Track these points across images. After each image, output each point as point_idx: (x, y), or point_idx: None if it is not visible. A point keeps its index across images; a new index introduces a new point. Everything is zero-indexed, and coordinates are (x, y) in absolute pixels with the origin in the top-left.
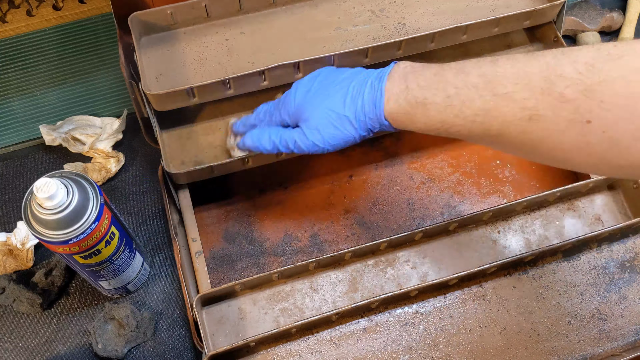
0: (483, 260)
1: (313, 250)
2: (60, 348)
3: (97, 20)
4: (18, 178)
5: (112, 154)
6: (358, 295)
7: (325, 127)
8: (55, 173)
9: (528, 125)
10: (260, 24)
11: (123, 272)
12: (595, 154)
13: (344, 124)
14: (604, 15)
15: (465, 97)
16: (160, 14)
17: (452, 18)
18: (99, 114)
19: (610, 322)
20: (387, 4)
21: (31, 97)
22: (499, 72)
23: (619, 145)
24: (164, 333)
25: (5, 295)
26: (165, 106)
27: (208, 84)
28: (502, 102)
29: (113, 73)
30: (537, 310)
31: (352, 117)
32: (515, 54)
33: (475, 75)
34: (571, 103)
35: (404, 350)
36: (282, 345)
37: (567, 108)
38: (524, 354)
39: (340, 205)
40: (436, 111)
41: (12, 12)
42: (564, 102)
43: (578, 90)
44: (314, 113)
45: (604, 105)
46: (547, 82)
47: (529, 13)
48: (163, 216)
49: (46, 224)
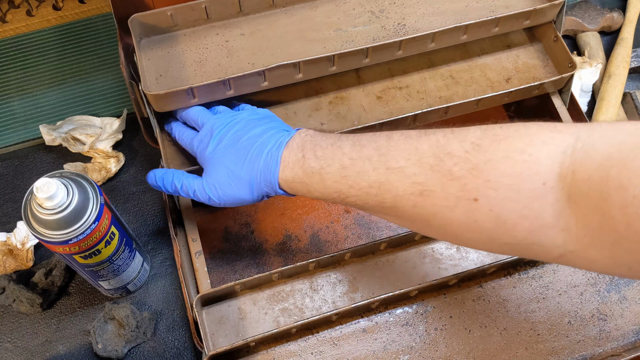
0: (483, 261)
1: (313, 250)
2: (60, 348)
3: (97, 20)
4: (18, 178)
5: (112, 154)
6: (358, 295)
7: (223, 185)
8: (55, 173)
9: (419, 200)
10: (260, 26)
11: (123, 272)
12: (484, 231)
13: (240, 186)
14: (604, 15)
15: (360, 168)
16: (160, 15)
17: (452, 18)
18: (99, 114)
19: (610, 322)
20: (386, 5)
21: (31, 97)
22: (391, 146)
23: (506, 224)
24: (164, 333)
25: (5, 295)
26: (165, 107)
27: (208, 85)
28: (394, 177)
29: (113, 73)
30: (537, 310)
31: (247, 180)
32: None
33: (370, 148)
34: (459, 180)
35: (404, 350)
36: (282, 345)
37: (455, 185)
38: (524, 354)
39: (341, 205)
40: (332, 181)
41: (12, 12)
42: (452, 179)
43: (465, 168)
44: (215, 169)
45: (491, 184)
46: (437, 159)
47: (528, 13)
48: (163, 216)
49: (46, 224)
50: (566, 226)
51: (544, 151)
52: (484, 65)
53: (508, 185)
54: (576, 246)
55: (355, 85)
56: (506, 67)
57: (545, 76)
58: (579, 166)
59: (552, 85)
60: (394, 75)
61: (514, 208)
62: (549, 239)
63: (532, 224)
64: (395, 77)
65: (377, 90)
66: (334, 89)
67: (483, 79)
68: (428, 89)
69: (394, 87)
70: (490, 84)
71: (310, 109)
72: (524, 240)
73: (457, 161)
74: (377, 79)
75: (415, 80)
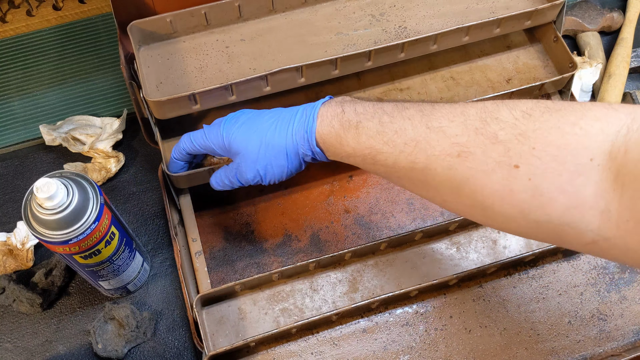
0: (483, 261)
1: (313, 250)
2: (60, 348)
3: (97, 20)
4: (18, 178)
5: (112, 154)
6: (358, 295)
7: (259, 159)
8: (55, 173)
9: (455, 162)
10: (260, 31)
11: (123, 272)
12: (517, 204)
13: (277, 153)
14: (604, 15)
15: (398, 126)
16: (160, 22)
17: (453, 20)
18: (99, 114)
19: (610, 322)
20: (387, 8)
21: (31, 97)
22: (436, 109)
23: (543, 197)
24: (164, 333)
25: (5, 295)
26: (167, 114)
27: (210, 90)
28: (434, 135)
29: (113, 73)
30: (537, 310)
31: (283, 144)
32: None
33: (413, 110)
34: (502, 145)
35: (404, 350)
36: (282, 346)
37: (497, 149)
38: (524, 354)
39: (340, 205)
40: (367, 136)
41: (12, 12)
42: (495, 142)
43: (512, 133)
44: (245, 145)
45: (535, 152)
46: (483, 122)
47: (529, 13)
48: (163, 216)
49: (46, 224)
50: (606, 209)
51: (596, 126)
52: (485, 66)
53: (553, 156)
54: (614, 232)
55: (356, 88)
56: (507, 68)
57: (545, 76)
58: (633, 146)
59: (552, 85)
60: (394, 78)
61: (554, 181)
62: (585, 221)
63: (570, 200)
64: (396, 79)
65: (378, 92)
66: (335, 93)
67: (484, 80)
68: (429, 90)
69: (395, 89)
70: (491, 84)
71: None
72: (558, 219)
73: (504, 126)
74: (378, 81)
75: (416, 82)
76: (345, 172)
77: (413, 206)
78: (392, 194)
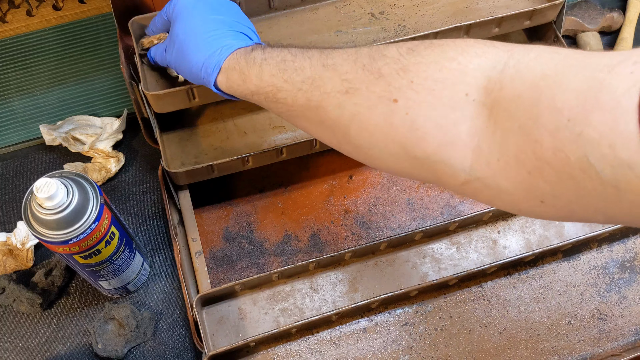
0: (483, 261)
1: (313, 250)
2: (60, 348)
3: (97, 20)
4: (18, 178)
5: (112, 154)
6: (358, 295)
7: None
8: (55, 173)
9: (344, 99)
10: (260, 28)
11: (123, 272)
12: (397, 139)
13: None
14: (604, 15)
15: (299, 64)
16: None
17: (452, 19)
18: (99, 114)
19: (610, 322)
20: (386, 6)
21: (31, 97)
22: (336, 49)
23: (419, 131)
24: (164, 333)
25: (5, 295)
26: (165, 108)
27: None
28: (327, 73)
29: (113, 73)
30: (537, 310)
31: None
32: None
33: (316, 50)
34: (384, 79)
35: (404, 350)
36: (282, 345)
37: (379, 84)
38: (524, 354)
39: (340, 205)
40: (269, 74)
41: (12, 12)
42: (378, 77)
43: (394, 68)
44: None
45: (413, 86)
46: (371, 59)
47: (529, 13)
48: (163, 216)
49: (46, 224)
50: (478, 146)
51: (474, 62)
52: None
53: (430, 90)
54: (485, 172)
55: None
56: None
57: None
58: (509, 83)
59: None
60: None
61: (430, 115)
62: (458, 159)
63: (444, 136)
64: None
65: None
66: None
67: None
68: None
69: None
70: None
71: None
72: (433, 154)
73: (389, 61)
74: None
75: None
76: (345, 172)
77: (413, 206)
78: (392, 194)
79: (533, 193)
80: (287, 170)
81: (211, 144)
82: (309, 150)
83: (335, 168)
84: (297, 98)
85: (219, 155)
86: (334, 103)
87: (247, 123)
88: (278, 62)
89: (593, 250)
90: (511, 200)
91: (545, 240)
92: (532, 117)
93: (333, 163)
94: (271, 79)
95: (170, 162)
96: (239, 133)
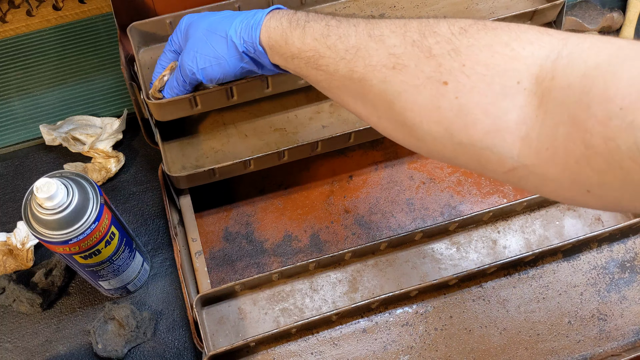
0: (483, 261)
1: (313, 250)
2: (60, 348)
3: (97, 20)
4: (18, 178)
5: (112, 154)
6: (358, 295)
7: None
8: (55, 173)
9: (390, 75)
10: None
11: (123, 272)
12: (443, 122)
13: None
14: (604, 15)
15: (343, 31)
16: (160, 23)
17: None
18: (99, 114)
19: (610, 322)
20: (387, 8)
21: (31, 97)
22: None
23: (467, 117)
24: (164, 333)
25: (5, 295)
26: (167, 116)
27: (210, 92)
28: (373, 44)
29: (113, 73)
30: (537, 310)
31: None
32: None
33: (362, 19)
34: (435, 59)
35: (404, 350)
36: (282, 346)
37: (429, 64)
38: (524, 354)
39: (340, 205)
40: (312, 38)
41: (12, 12)
42: (429, 57)
43: (445, 48)
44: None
45: (465, 69)
46: (421, 35)
47: (529, 13)
48: (163, 216)
49: (46, 224)
50: (527, 135)
51: (528, 49)
52: None
53: (481, 75)
54: (532, 160)
55: None
56: None
57: None
58: (561, 72)
59: None
60: None
61: (480, 101)
62: (505, 147)
63: (493, 123)
64: None
65: None
66: None
67: None
68: None
69: None
70: None
71: (312, 112)
72: (479, 141)
73: (440, 40)
74: None
75: None
76: (345, 172)
77: (413, 206)
78: (392, 194)
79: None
80: (287, 171)
81: (212, 147)
82: (310, 152)
83: (335, 168)
84: (339, 67)
85: (219, 158)
86: (379, 77)
87: (248, 126)
88: (322, 27)
89: (593, 250)
90: (557, 188)
91: (545, 240)
92: (583, 107)
93: (333, 163)
94: (314, 43)
95: (171, 166)
96: (240, 136)
